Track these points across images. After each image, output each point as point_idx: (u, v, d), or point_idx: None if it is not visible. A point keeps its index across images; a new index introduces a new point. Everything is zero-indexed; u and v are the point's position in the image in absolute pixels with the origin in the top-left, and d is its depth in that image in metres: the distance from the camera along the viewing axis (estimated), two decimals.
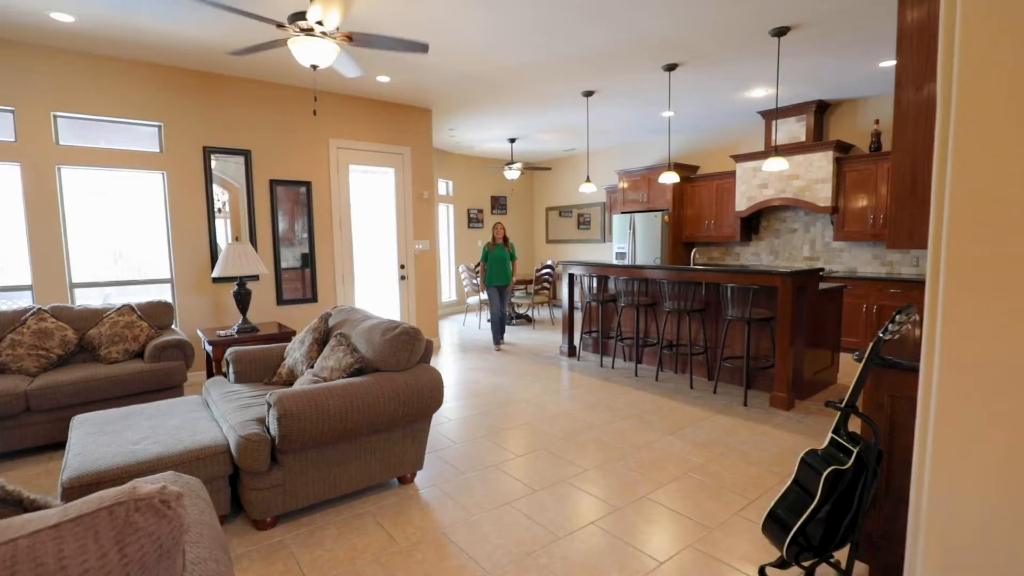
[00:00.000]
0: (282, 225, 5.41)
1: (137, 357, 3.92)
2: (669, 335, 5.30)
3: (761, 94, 5.97)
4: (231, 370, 3.29)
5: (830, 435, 1.92)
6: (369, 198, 6.19)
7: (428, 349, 2.97)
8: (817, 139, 6.48)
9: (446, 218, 9.61)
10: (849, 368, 5.32)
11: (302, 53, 3.01)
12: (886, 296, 5.71)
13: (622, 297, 5.36)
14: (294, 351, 3.29)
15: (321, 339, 3.24)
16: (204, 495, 1.61)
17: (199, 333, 4.53)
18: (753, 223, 7.32)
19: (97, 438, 2.40)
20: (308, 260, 5.60)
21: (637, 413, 4.09)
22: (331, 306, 5.78)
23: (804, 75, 5.32)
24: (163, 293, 4.88)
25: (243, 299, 4.28)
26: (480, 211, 10.04)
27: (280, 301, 5.41)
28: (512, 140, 8.40)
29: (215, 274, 4.15)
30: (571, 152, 9.73)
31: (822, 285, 4.68)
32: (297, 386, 2.90)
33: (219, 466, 2.38)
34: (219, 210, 5.06)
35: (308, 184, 5.52)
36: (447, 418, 4.03)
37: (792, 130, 6.61)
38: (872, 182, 5.97)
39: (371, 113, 5.93)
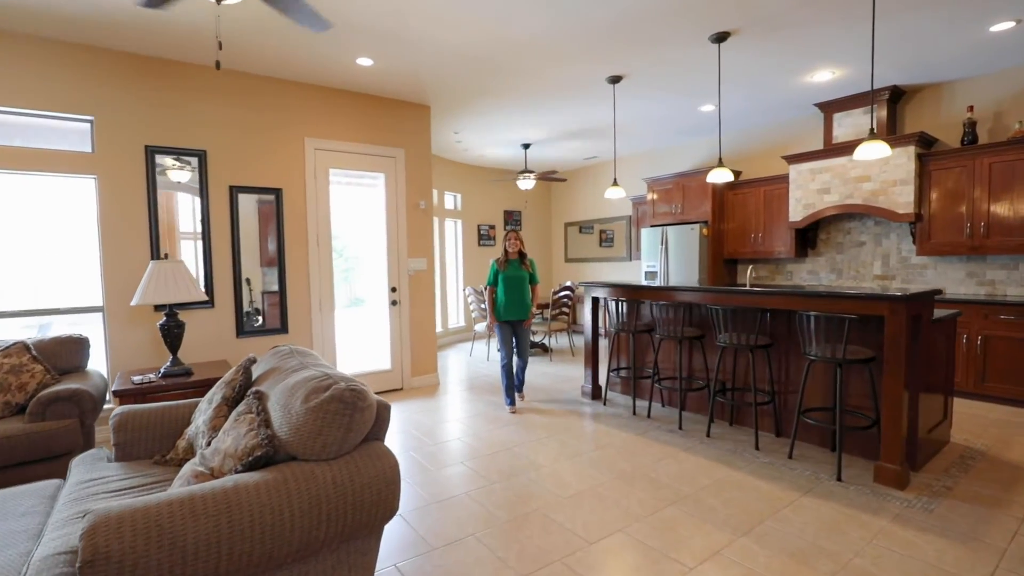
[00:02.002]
0: (245, 241, 4.49)
1: (21, 412, 2.97)
2: (723, 377, 4.18)
3: (825, 77, 4.90)
4: (112, 441, 2.30)
5: None
6: (354, 209, 5.25)
7: (381, 420, 1.94)
8: (891, 133, 5.36)
9: (454, 235, 8.65)
10: (965, 422, 4.11)
11: None
12: (995, 324, 4.51)
13: (660, 327, 4.27)
14: (200, 415, 2.29)
15: (235, 397, 2.23)
16: None
17: (115, 379, 3.57)
18: (809, 236, 6.18)
19: None
20: (278, 282, 4.65)
21: (690, 492, 2.97)
22: (306, 337, 4.81)
23: (888, 48, 4.24)
24: (92, 325, 3.96)
25: (171, 333, 3.31)
26: (492, 227, 9.06)
27: (241, 332, 4.45)
28: (526, 146, 7.45)
29: (133, 302, 3.20)
30: (592, 161, 8.74)
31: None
32: (176, 482, 1.88)
33: None
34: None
35: (278, 192, 4.60)
36: (425, 499, 2.97)
37: (859, 124, 5.51)
38: (968, 183, 4.81)
39: (356, 109, 5.02)
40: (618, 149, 7.93)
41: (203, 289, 4.27)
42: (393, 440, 3.91)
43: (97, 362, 3.96)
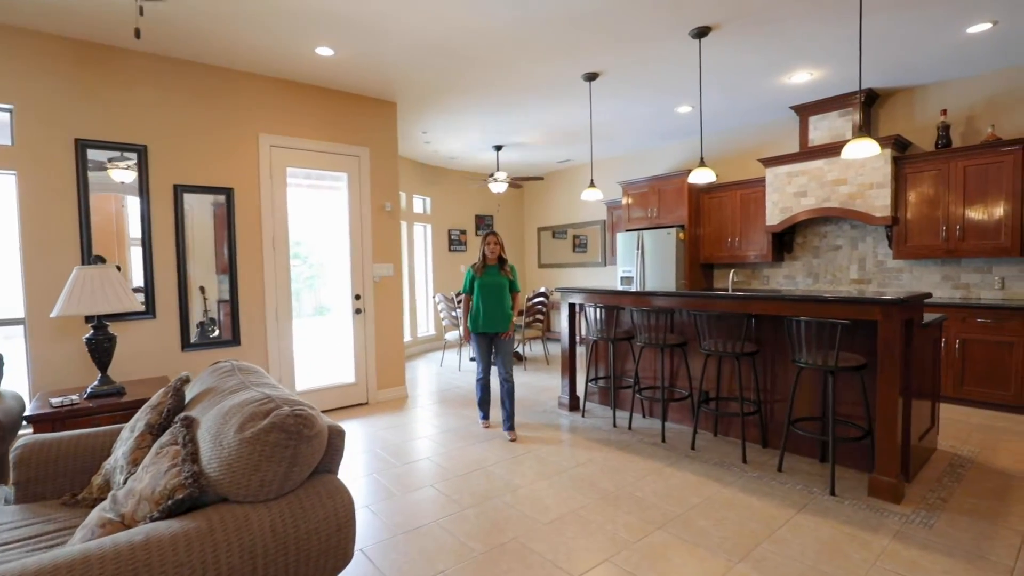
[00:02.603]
0: (199, 245, 4.11)
1: None
2: (706, 386, 4.00)
3: (803, 79, 4.82)
4: (11, 479, 1.94)
5: None
6: (317, 213, 4.92)
7: (333, 449, 1.65)
8: (867, 136, 5.31)
9: (423, 240, 8.34)
10: (948, 427, 4.03)
11: None
12: (973, 327, 4.47)
13: (641, 334, 4.07)
14: (120, 445, 1.95)
15: (161, 424, 1.90)
16: None
17: (32, 402, 3.16)
18: (786, 240, 6.12)
19: None
20: (229, 290, 4.28)
21: (679, 512, 2.75)
22: (261, 350, 4.44)
23: (867, 49, 4.16)
24: (14, 339, 3.53)
25: (100, 348, 2.93)
26: (463, 232, 8.79)
27: (187, 345, 4.06)
28: (498, 148, 7.22)
29: (53, 312, 2.81)
30: (566, 164, 8.57)
31: None
32: (77, 533, 1.56)
33: None
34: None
35: (229, 191, 4.24)
36: (390, 530, 2.67)
37: (834, 126, 5.46)
38: (943, 186, 4.79)
39: (316, 104, 4.70)
40: (593, 152, 7.75)
41: (143, 298, 3.87)
42: (356, 461, 3.58)
43: (18, 382, 3.52)
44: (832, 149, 5.30)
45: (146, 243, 3.87)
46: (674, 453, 3.59)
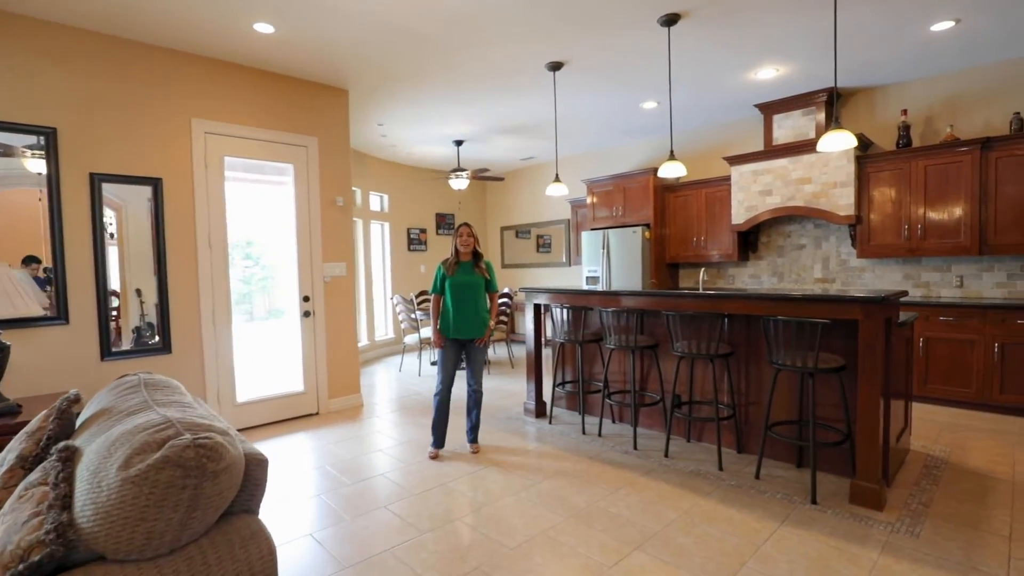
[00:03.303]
0: (134, 242, 3.66)
1: None
2: (679, 389, 3.82)
3: (769, 75, 4.74)
4: None
5: None
6: (263, 208, 4.51)
7: (251, 483, 1.35)
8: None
9: (381, 239, 7.96)
10: (917, 426, 3.98)
11: None
12: (936, 326, 4.47)
13: (611, 336, 3.87)
14: None
15: (38, 456, 1.54)
16: None
17: None
18: (750, 239, 6.06)
19: None
20: (157, 292, 3.84)
21: (657, 529, 2.53)
22: (196, 358, 4.01)
23: (832, 43, 4.09)
24: None
25: None
26: (423, 231, 8.44)
27: (107, 354, 3.60)
28: (459, 143, 6.92)
29: None
30: (530, 162, 8.35)
31: None
32: None
33: None
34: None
35: (156, 182, 3.80)
36: (338, 563, 2.35)
37: (798, 125, 5.43)
38: (904, 185, 4.79)
39: (258, 88, 4.30)
40: (557, 150, 7.57)
41: (55, 300, 3.40)
42: (302, 481, 3.23)
43: None
44: (797, 148, 5.26)
45: (56, 239, 3.40)
46: (647, 461, 3.39)
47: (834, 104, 5.38)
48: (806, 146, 5.20)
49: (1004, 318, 4.16)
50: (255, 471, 1.37)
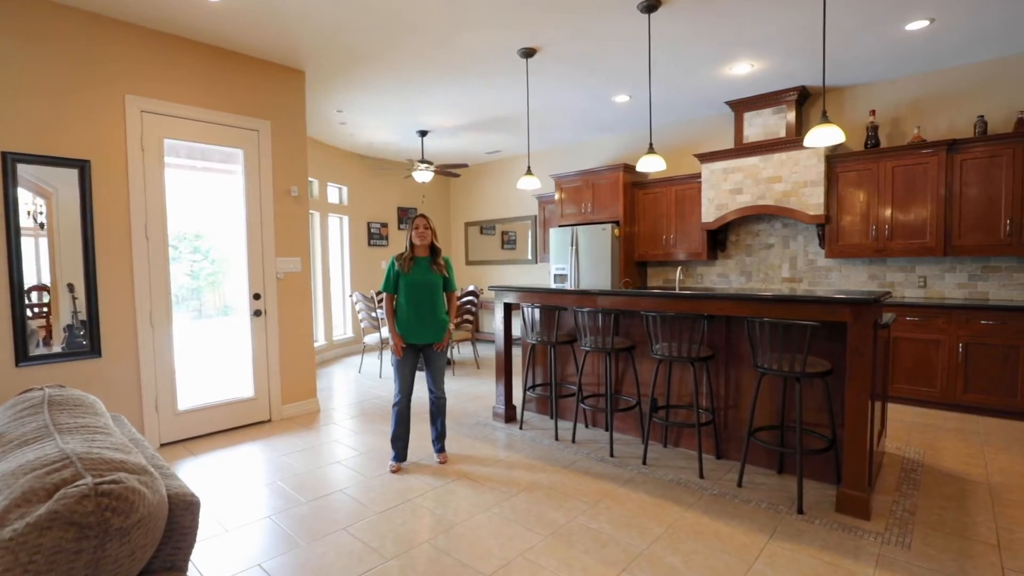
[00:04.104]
0: (64, 232, 3.22)
1: None
2: (656, 393, 3.67)
3: (744, 70, 4.66)
4: None
5: None
6: (212, 198, 4.12)
7: (177, 532, 1.08)
8: (798, 134, 5.29)
9: (340, 233, 7.56)
10: (890, 428, 3.97)
11: None
12: (902, 326, 4.51)
13: (585, 337, 3.69)
14: None
15: None
16: None
17: None
18: (719, 238, 6.02)
19: None
20: (85, 288, 3.41)
21: (643, 547, 2.36)
22: (131, 361, 3.60)
23: (806, 42, 4.03)
24: None
25: None
26: (384, 225, 8.09)
27: (22, 359, 3.17)
28: (423, 134, 6.62)
29: None
30: (496, 156, 8.11)
31: None
32: None
33: None
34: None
35: (84, 164, 3.37)
36: None
37: (768, 124, 5.40)
38: (872, 186, 4.82)
39: (204, 65, 3.91)
40: (530, 141, 7.37)
41: None
42: (252, 499, 2.91)
43: None
44: (768, 146, 5.22)
45: None
46: (625, 470, 3.23)
47: (803, 104, 5.32)
48: (777, 144, 5.17)
49: (968, 318, 4.22)
50: (182, 517, 1.10)
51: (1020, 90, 4.38)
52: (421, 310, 3.24)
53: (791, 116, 5.25)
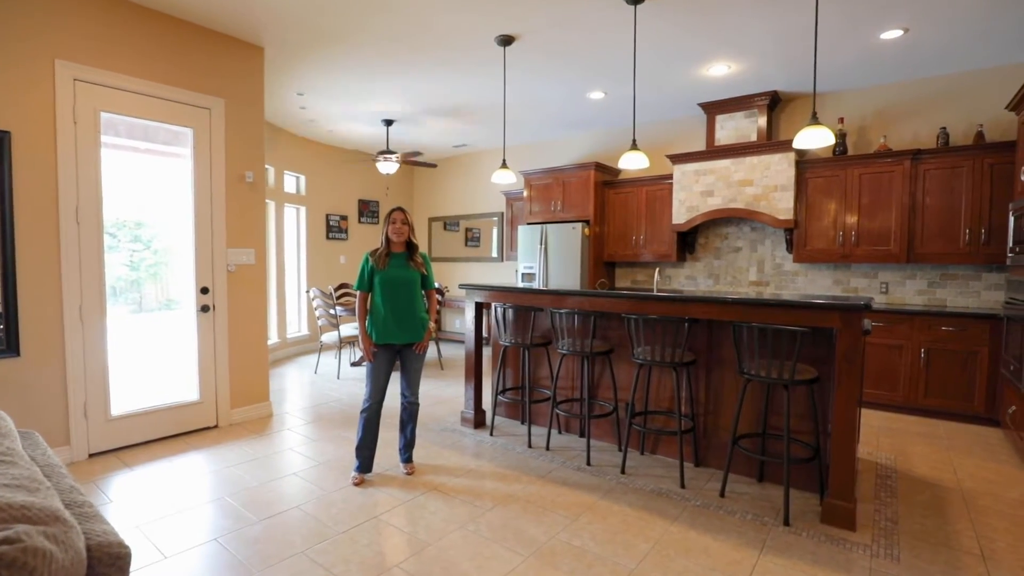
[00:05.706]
0: None
1: None
2: (637, 398, 3.55)
3: (721, 71, 4.62)
4: None
5: None
6: (147, 177, 3.72)
7: None
8: (769, 139, 5.32)
9: (296, 225, 7.15)
10: (864, 435, 3.98)
11: None
12: None
13: (562, 339, 3.53)
14: None
15: None
16: None
17: None
18: (689, 240, 6.00)
19: None
20: (4, 276, 2.99)
21: (631, 567, 2.21)
22: (56, 360, 3.19)
23: (783, 46, 4.01)
24: None
25: None
26: (343, 218, 7.71)
27: None
28: (389, 122, 6.32)
29: None
30: (463, 149, 7.87)
31: None
32: None
33: None
34: None
35: (3, 136, 2.95)
36: None
37: (740, 127, 5.41)
38: (839, 192, 4.88)
39: (149, 32, 3.52)
40: (496, 140, 7.16)
41: None
42: (195, 518, 2.59)
43: None
44: (740, 149, 5.22)
45: None
46: (604, 479, 3.09)
47: (774, 109, 5.33)
48: (749, 148, 5.17)
49: (930, 324, 4.31)
50: (106, 573, 0.86)
51: (980, 104, 4.51)
52: (399, 308, 3.01)
53: (762, 120, 5.27)
